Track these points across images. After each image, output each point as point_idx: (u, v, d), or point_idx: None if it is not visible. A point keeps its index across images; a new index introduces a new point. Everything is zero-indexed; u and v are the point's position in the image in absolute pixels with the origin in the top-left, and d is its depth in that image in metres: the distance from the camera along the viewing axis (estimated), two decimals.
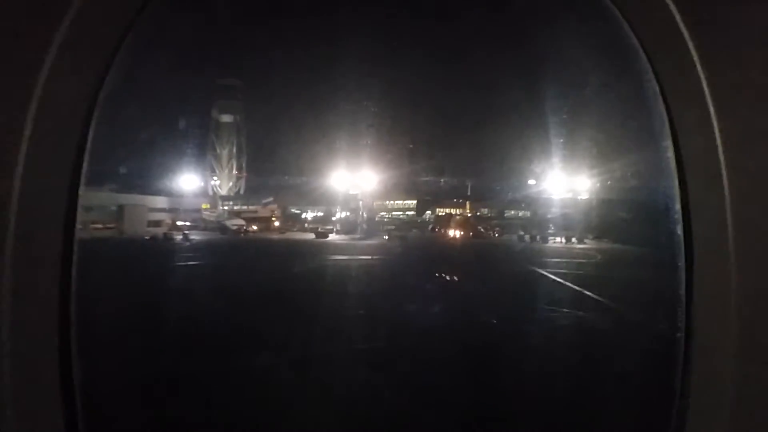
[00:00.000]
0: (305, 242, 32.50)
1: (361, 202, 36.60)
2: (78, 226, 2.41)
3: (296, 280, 18.77)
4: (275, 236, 34.94)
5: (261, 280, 17.94)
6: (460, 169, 39.36)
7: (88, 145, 2.43)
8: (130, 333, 9.68)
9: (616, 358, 9.23)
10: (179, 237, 31.48)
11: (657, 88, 2.44)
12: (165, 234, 31.23)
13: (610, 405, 7.19)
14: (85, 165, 2.42)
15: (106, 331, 7.65)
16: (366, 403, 7.98)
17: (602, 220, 40.82)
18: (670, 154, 2.46)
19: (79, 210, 2.40)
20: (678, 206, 2.45)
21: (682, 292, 2.45)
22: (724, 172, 2.22)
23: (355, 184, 39.29)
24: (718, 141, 2.22)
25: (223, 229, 35.69)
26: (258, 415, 7.35)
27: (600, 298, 15.80)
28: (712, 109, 2.22)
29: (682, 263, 2.45)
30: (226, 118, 46.62)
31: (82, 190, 2.40)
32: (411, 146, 42.45)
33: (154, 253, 27.02)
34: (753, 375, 2.23)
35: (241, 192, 47.62)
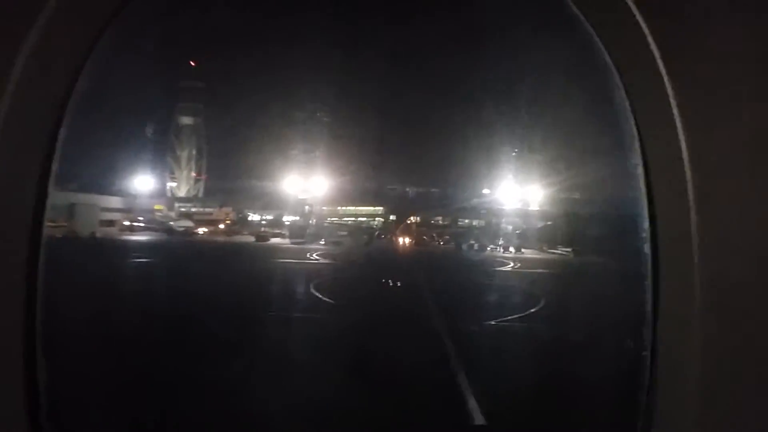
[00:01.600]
0: (244, 245, 32.70)
1: (307, 207, 36.83)
2: (46, 226, 2.39)
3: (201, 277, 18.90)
4: (220, 238, 35.06)
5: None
6: (408, 178, 39.56)
7: (59, 146, 2.40)
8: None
9: None
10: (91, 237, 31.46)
11: (627, 104, 2.45)
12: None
13: None
14: (55, 166, 2.40)
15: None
16: None
17: (556, 231, 40.94)
18: (636, 165, 2.46)
19: (47, 211, 2.38)
20: (643, 219, 2.44)
21: (648, 308, 2.43)
22: (690, 186, 2.23)
23: (304, 189, 39.61)
24: (685, 156, 2.23)
25: (170, 230, 35.79)
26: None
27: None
28: (679, 124, 2.24)
29: (647, 274, 2.45)
30: (187, 121, 46.97)
31: (51, 191, 2.39)
32: (377, 155, 42.73)
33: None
34: (718, 391, 2.21)
35: (200, 194, 47.92)
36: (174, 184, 46.56)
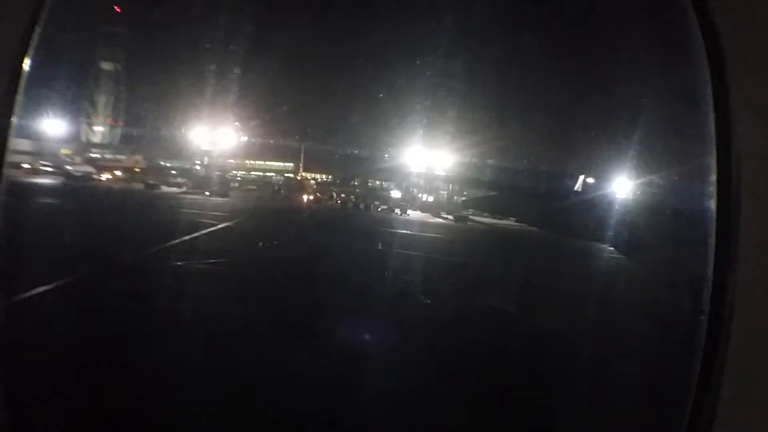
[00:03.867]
0: (131, 192, 33.12)
1: (206, 158, 37.11)
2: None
3: None
4: (117, 185, 35.44)
5: None
6: (308, 134, 39.67)
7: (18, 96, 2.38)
8: None
9: None
10: None
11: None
12: None
13: None
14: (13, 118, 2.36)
15: None
16: None
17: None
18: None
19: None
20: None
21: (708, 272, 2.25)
22: None
23: (211, 141, 39.82)
24: None
25: (68, 175, 36.03)
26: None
27: None
28: None
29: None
30: (107, 66, 46.61)
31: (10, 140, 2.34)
32: (285, 108, 42.73)
33: None
34: None
35: (116, 141, 47.87)
36: (90, 129, 46.61)
